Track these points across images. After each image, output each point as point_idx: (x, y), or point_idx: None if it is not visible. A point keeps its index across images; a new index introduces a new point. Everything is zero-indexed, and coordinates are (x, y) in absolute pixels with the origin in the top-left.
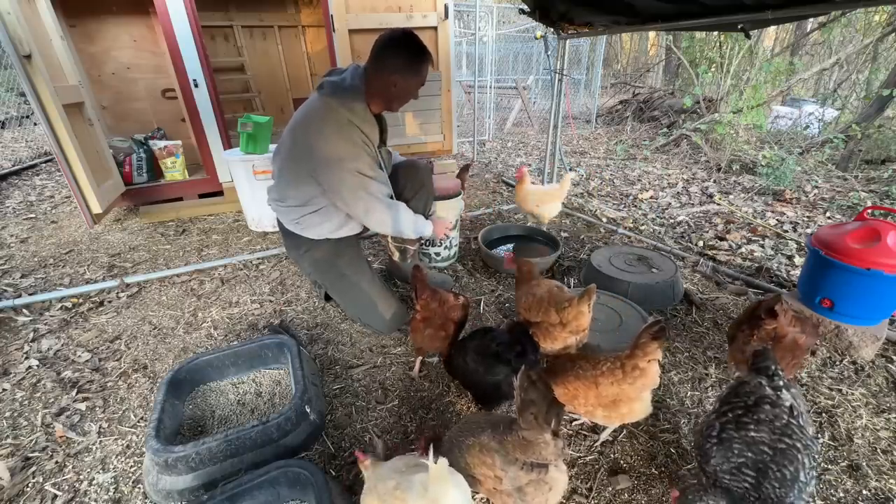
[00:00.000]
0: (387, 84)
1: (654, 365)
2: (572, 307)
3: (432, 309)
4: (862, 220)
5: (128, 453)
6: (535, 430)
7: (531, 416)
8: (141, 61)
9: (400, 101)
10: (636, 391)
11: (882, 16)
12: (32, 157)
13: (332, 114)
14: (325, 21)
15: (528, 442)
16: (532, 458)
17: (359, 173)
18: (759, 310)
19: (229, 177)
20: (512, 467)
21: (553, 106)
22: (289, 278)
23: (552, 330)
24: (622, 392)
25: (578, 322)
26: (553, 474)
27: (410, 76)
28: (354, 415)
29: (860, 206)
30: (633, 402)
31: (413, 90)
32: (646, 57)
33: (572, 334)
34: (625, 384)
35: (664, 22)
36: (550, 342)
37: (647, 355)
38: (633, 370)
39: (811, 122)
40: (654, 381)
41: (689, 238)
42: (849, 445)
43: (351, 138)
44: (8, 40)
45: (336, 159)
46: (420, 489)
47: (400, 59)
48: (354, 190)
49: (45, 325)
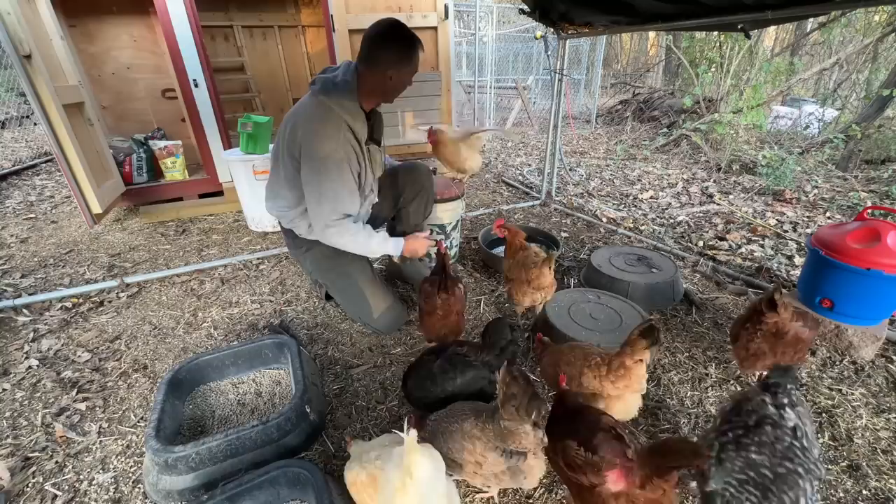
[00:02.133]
0: (381, 79)
1: (639, 367)
2: (536, 268)
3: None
4: (862, 220)
5: (128, 453)
6: (516, 420)
7: (513, 407)
8: (141, 61)
9: (396, 92)
10: (616, 390)
11: (882, 16)
12: (32, 157)
13: (322, 111)
14: (325, 21)
15: (509, 431)
16: (512, 447)
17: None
18: (761, 305)
19: (229, 177)
20: (492, 453)
21: (553, 106)
22: (289, 278)
23: (521, 286)
24: (602, 388)
25: (539, 281)
26: (531, 461)
27: (404, 67)
28: (354, 415)
29: (860, 206)
30: (611, 399)
31: (408, 80)
32: (646, 57)
33: (536, 290)
34: (606, 381)
35: (664, 22)
36: (521, 296)
37: (634, 354)
38: (617, 368)
39: (811, 122)
40: (637, 384)
41: (689, 238)
42: (849, 445)
43: (337, 136)
44: (8, 40)
45: (320, 157)
46: (397, 459)
47: (391, 53)
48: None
49: (45, 325)
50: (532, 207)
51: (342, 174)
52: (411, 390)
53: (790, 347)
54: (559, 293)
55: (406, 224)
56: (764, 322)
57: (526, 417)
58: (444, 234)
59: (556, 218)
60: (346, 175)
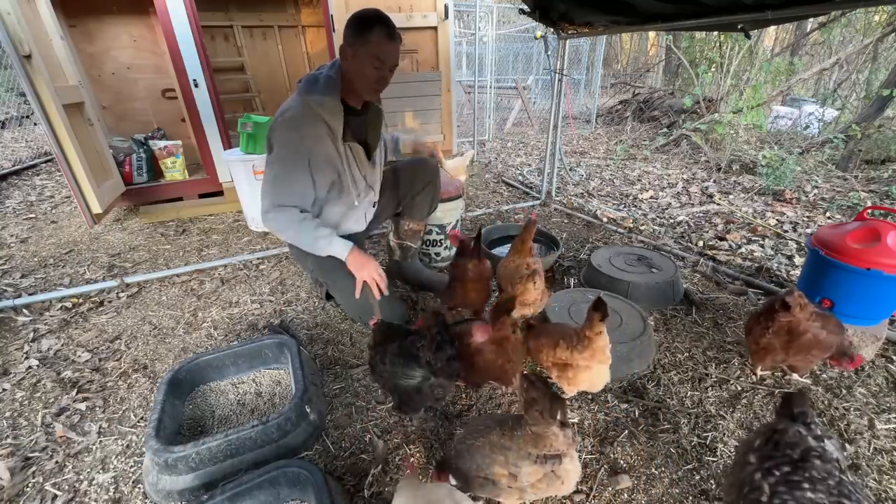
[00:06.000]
0: (344, 61)
1: (600, 338)
2: (520, 286)
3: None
4: (862, 220)
5: (128, 453)
6: (542, 424)
7: (536, 412)
8: (141, 61)
9: (363, 79)
10: (584, 360)
11: (882, 16)
12: (32, 157)
13: (300, 108)
14: (325, 21)
15: (538, 435)
16: (545, 451)
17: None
18: (776, 303)
19: (229, 177)
20: (525, 461)
21: (553, 106)
22: (289, 278)
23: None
24: (572, 358)
25: (524, 297)
26: (566, 466)
27: (359, 45)
28: (354, 415)
29: (860, 206)
30: (579, 370)
31: (369, 63)
32: (646, 57)
33: (522, 306)
34: (575, 351)
35: (664, 22)
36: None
37: (592, 327)
38: (582, 339)
39: (811, 122)
40: (602, 354)
41: (689, 238)
42: (849, 445)
43: (305, 132)
44: (8, 40)
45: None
46: None
47: (349, 28)
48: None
49: (45, 325)
50: (532, 207)
51: (297, 168)
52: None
53: (804, 349)
54: (559, 293)
55: (412, 215)
56: (776, 320)
57: (551, 419)
58: (444, 233)
59: (556, 218)
60: (302, 170)
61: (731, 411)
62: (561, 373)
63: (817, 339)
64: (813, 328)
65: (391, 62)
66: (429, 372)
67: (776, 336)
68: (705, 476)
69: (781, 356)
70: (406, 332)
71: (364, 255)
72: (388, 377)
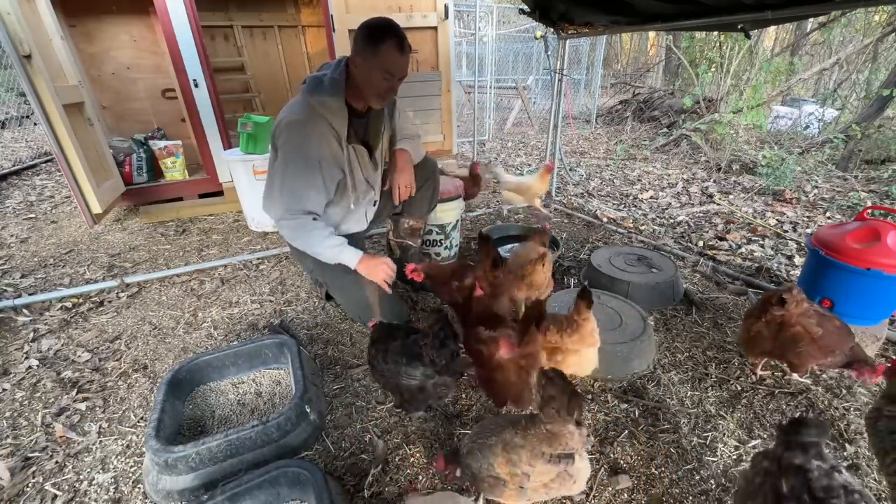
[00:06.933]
0: (354, 71)
1: (587, 323)
2: (530, 266)
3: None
4: (862, 220)
5: (128, 453)
6: (559, 422)
7: (553, 410)
8: (141, 61)
9: (370, 87)
10: (572, 344)
11: (882, 16)
12: (32, 157)
13: (305, 109)
14: (325, 21)
15: (553, 434)
16: (559, 450)
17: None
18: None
19: (229, 177)
20: (539, 461)
21: (553, 106)
22: (289, 278)
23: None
24: (561, 342)
25: (532, 278)
26: (578, 464)
27: (369, 55)
28: (354, 415)
29: (860, 206)
30: (567, 353)
31: (377, 74)
32: (646, 57)
33: (529, 287)
34: (564, 335)
35: (664, 22)
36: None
37: (580, 313)
38: (571, 324)
39: (811, 122)
40: (590, 338)
41: (689, 238)
42: (849, 445)
43: (312, 134)
44: (8, 40)
45: (290, 150)
46: None
47: (360, 37)
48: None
49: (45, 325)
50: (531, 207)
51: (308, 171)
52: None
53: (793, 342)
54: (559, 293)
55: (412, 212)
56: (769, 311)
57: (569, 418)
58: (443, 233)
59: (556, 218)
60: (313, 173)
61: (731, 411)
62: (551, 356)
63: (808, 334)
64: (804, 322)
65: (400, 74)
66: (432, 370)
67: (766, 326)
68: (705, 476)
69: (769, 346)
70: (407, 331)
71: (373, 257)
72: (389, 376)
